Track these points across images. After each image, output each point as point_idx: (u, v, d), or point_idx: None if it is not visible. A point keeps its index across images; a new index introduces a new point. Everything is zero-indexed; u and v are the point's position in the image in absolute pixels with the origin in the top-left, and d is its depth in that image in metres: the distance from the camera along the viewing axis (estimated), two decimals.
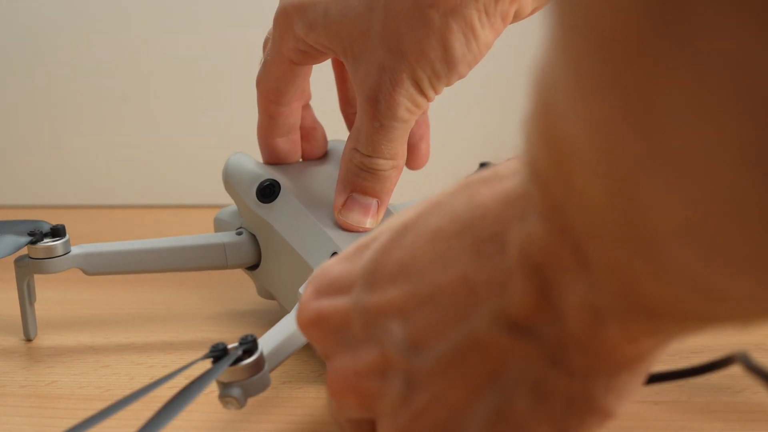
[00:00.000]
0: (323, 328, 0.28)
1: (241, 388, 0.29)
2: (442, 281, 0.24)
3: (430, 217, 0.25)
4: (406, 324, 0.25)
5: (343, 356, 0.27)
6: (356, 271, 0.27)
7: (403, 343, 0.25)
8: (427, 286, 0.24)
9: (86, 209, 0.74)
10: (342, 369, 0.27)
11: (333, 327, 0.27)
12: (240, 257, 0.44)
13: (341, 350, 0.27)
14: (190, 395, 0.27)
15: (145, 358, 0.41)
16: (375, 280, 0.26)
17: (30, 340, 0.43)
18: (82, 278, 0.46)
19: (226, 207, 0.48)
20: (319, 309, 0.28)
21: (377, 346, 0.25)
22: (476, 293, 0.23)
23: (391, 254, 0.26)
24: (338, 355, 0.27)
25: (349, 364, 0.26)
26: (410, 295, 0.25)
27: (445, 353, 0.24)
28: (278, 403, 0.36)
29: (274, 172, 0.44)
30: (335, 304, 0.27)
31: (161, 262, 0.43)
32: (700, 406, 0.34)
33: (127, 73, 0.73)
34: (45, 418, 0.36)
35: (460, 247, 0.24)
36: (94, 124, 0.74)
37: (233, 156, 0.45)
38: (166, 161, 0.74)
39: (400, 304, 0.25)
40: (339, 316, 0.27)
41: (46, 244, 0.41)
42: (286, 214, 0.42)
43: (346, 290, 0.27)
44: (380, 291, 0.26)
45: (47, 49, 0.72)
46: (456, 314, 0.24)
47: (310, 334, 0.29)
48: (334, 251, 0.38)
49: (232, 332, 0.44)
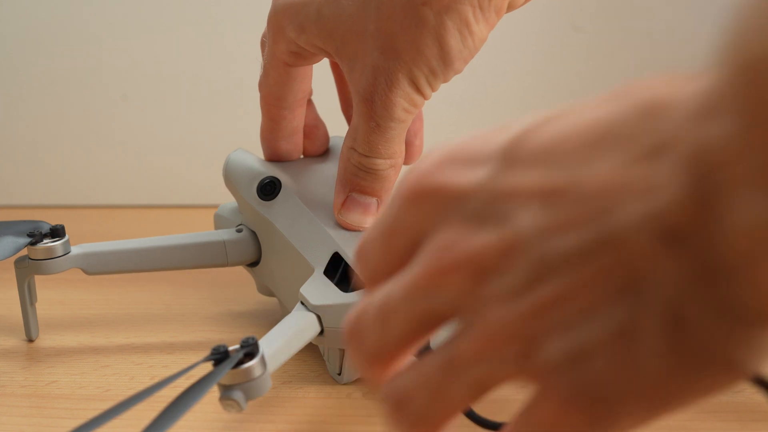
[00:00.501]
0: (437, 201, 0.25)
1: (242, 391, 0.29)
2: (588, 172, 0.22)
3: (584, 110, 0.23)
4: (542, 210, 0.22)
5: (455, 230, 0.24)
6: (492, 147, 0.24)
7: (535, 230, 0.22)
8: (571, 174, 0.22)
9: (86, 209, 0.74)
10: (453, 243, 0.24)
11: (450, 200, 0.24)
12: (240, 255, 0.44)
13: (454, 224, 0.24)
14: (191, 399, 0.27)
15: (145, 358, 0.41)
16: (513, 159, 0.23)
17: (32, 340, 0.43)
18: (82, 278, 0.46)
19: (226, 203, 0.48)
20: (441, 180, 0.25)
21: (502, 226, 0.23)
22: (627, 190, 0.21)
23: (534, 137, 0.23)
24: (448, 229, 0.24)
25: (464, 239, 0.23)
26: (550, 181, 0.22)
27: (581, 248, 0.21)
28: (278, 403, 0.36)
29: (275, 169, 0.44)
30: (460, 178, 0.24)
31: (162, 260, 0.43)
32: (699, 405, 0.34)
33: (127, 73, 0.73)
34: (45, 418, 0.36)
35: (616, 141, 0.22)
36: (94, 124, 0.74)
37: (234, 152, 0.45)
38: (166, 161, 0.74)
39: (537, 189, 0.22)
40: (461, 190, 0.24)
41: (45, 244, 0.41)
42: (287, 211, 0.42)
43: (477, 165, 0.24)
44: (517, 171, 0.23)
45: (47, 49, 0.72)
46: (599, 208, 0.21)
47: (416, 205, 0.25)
48: (334, 250, 0.38)
49: (232, 332, 0.44)
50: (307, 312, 0.35)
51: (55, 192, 0.75)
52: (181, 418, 0.26)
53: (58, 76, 0.73)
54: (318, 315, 0.35)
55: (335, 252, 0.38)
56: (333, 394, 0.37)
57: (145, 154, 0.74)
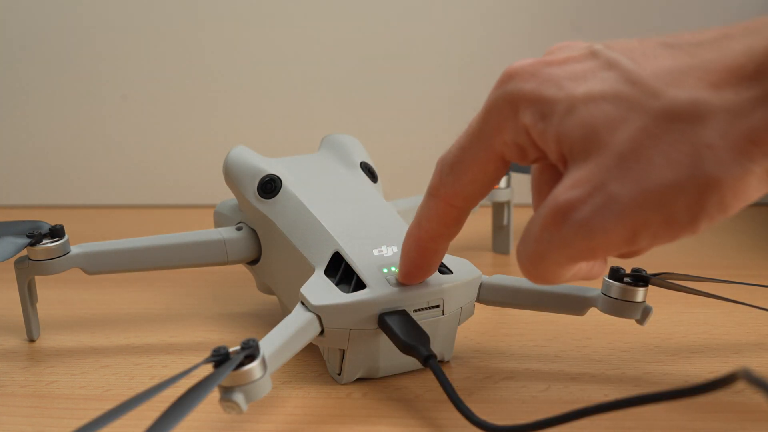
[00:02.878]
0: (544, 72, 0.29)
1: (242, 393, 0.29)
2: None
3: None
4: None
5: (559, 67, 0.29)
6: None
7: None
8: None
9: (85, 209, 0.74)
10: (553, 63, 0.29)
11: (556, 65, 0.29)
12: (240, 253, 0.44)
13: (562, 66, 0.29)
14: (192, 401, 0.27)
15: (145, 358, 0.41)
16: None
17: (33, 340, 0.43)
18: (82, 278, 0.46)
19: (226, 200, 0.48)
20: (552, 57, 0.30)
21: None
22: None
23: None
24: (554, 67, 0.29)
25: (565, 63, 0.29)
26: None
27: None
28: (278, 403, 0.36)
29: (276, 167, 0.44)
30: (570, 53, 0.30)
31: (162, 259, 0.43)
32: (699, 405, 0.34)
33: (127, 73, 0.73)
34: (45, 418, 0.36)
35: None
36: (94, 124, 0.74)
37: (234, 149, 0.45)
38: (166, 161, 0.74)
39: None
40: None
41: (45, 245, 0.41)
42: (287, 210, 0.42)
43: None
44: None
45: (47, 49, 0.72)
46: None
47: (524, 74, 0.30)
48: (335, 249, 0.38)
49: (232, 332, 0.44)
50: (307, 312, 0.35)
51: (54, 192, 0.75)
52: (183, 419, 0.26)
53: (58, 76, 0.73)
54: (318, 315, 0.35)
55: (336, 251, 0.38)
56: (333, 394, 0.37)
57: (145, 154, 0.74)
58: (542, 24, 0.69)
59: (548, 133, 0.28)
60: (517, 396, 0.36)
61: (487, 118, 0.31)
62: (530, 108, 0.29)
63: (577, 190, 0.27)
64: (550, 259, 0.29)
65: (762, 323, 0.44)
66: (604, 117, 0.27)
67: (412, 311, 0.36)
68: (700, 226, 0.26)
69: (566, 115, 0.28)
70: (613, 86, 0.27)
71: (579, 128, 0.27)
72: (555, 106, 0.28)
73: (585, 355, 0.40)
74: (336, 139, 0.48)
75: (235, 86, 0.72)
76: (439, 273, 0.38)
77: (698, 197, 0.25)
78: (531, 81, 0.29)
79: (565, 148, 0.28)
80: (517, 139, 0.30)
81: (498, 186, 0.56)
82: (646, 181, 0.26)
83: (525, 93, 0.29)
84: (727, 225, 0.63)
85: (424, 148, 0.70)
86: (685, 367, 0.39)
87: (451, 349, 0.39)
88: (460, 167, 0.32)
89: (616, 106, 0.27)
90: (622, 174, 0.26)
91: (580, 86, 0.28)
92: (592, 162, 0.27)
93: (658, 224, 0.26)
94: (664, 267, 0.49)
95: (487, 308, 0.43)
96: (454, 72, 0.71)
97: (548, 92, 0.29)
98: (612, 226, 0.27)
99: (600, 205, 0.27)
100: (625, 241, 0.27)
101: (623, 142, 0.26)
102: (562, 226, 0.28)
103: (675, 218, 0.26)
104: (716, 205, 0.25)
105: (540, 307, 0.39)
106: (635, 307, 0.36)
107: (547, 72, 0.29)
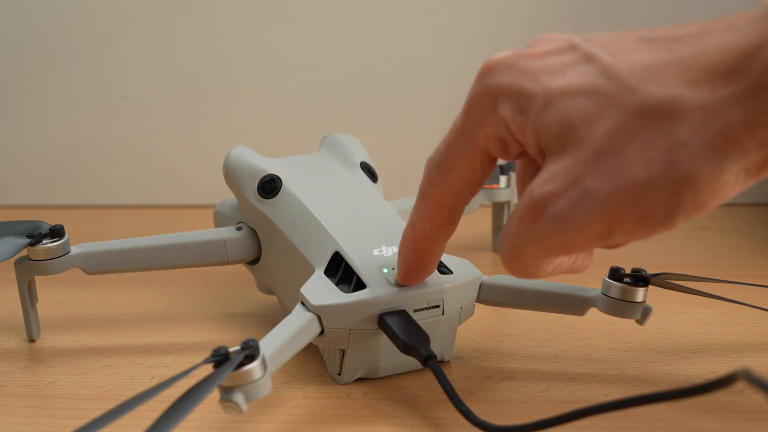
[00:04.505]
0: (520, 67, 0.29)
1: (242, 393, 0.29)
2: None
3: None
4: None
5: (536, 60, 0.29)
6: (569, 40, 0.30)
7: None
8: None
9: (85, 209, 0.74)
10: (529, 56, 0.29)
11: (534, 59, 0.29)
12: (240, 253, 0.44)
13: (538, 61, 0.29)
14: (192, 401, 0.27)
15: (145, 358, 0.41)
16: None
17: (33, 340, 0.43)
18: (82, 278, 0.46)
19: (226, 200, 0.48)
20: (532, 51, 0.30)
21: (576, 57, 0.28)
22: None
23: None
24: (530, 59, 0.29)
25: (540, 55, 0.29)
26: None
27: None
28: (278, 403, 0.36)
29: (276, 167, 0.44)
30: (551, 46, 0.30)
31: (162, 259, 0.43)
32: (699, 405, 0.34)
33: (127, 74, 0.73)
34: (45, 418, 0.36)
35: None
36: (94, 124, 0.74)
37: (234, 149, 0.45)
38: (166, 161, 0.74)
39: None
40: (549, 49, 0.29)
41: (45, 245, 0.41)
42: (287, 210, 0.42)
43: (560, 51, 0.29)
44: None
45: (47, 50, 0.72)
46: None
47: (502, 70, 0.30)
48: (335, 249, 0.38)
49: (232, 332, 0.44)
50: (307, 312, 0.35)
51: (55, 192, 0.75)
52: (183, 419, 0.26)
53: (58, 77, 0.73)
54: (318, 315, 0.35)
55: (336, 251, 0.38)
56: (333, 394, 0.37)
57: (145, 154, 0.74)
58: (542, 25, 0.69)
59: (526, 126, 0.28)
60: (517, 396, 0.36)
61: (468, 113, 0.31)
62: (508, 101, 0.29)
63: (552, 184, 0.27)
64: (528, 253, 0.29)
65: (762, 323, 0.44)
66: (581, 111, 0.27)
67: (412, 311, 0.36)
68: (676, 222, 0.26)
69: (543, 108, 0.28)
70: (590, 80, 0.27)
71: (556, 122, 0.27)
72: (532, 99, 0.28)
73: (585, 355, 0.40)
74: (336, 139, 0.48)
75: (235, 86, 0.72)
76: (439, 273, 0.38)
77: (673, 194, 0.25)
78: (508, 74, 0.29)
79: (543, 142, 0.28)
80: (498, 133, 0.30)
81: (498, 186, 0.56)
82: (622, 177, 0.26)
83: (503, 86, 0.29)
84: (726, 225, 0.63)
85: (424, 148, 0.70)
86: (685, 367, 0.39)
87: (451, 349, 0.39)
88: (446, 165, 0.32)
89: (592, 100, 0.27)
90: (598, 169, 0.26)
91: (557, 80, 0.28)
92: (568, 156, 0.27)
93: (632, 220, 0.26)
94: (664, 267, 0.49)
95: (487, 308, 0.43)
96: (454, 72, 0.71)
97: (526, 85, 0.29)
98: (587, 221, 0.27)
99: (575, 199, 0.27)
100: (601, 235, 0.27)
101: (599, 137, 0.26)
102: (538, 220, 0.28)
103: (650, 215, 0.26)
104: (692, 202, 0.26)
105: (540, 307, 0.39)
106: (635, 307, 0.36)
107: (525, 65, 0.29)
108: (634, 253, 0.43)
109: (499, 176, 0.56)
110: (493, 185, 0.56)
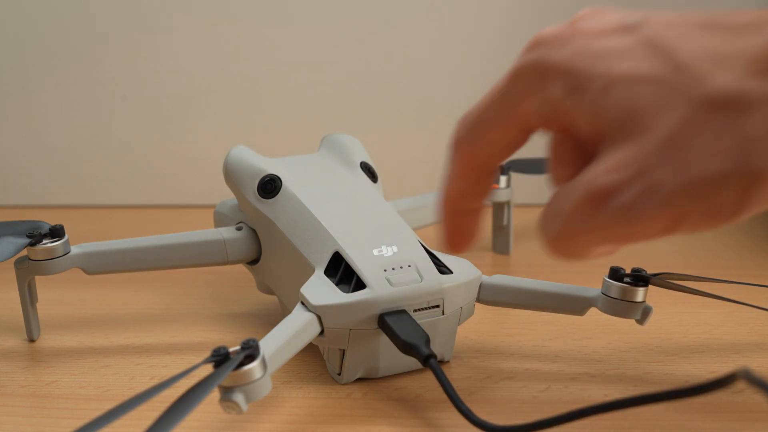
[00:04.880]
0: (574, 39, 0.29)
1: (242, 393, 0.29)
2: None
3: None
4: None
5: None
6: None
7: None
8: None
9: (85, 209, 0.74)
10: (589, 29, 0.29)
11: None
12: (241, 253, 0.44)
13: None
14: (193, 401, 0.27)
15: (145, 358, 0.41)
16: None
17: (33, 340, 0.43)
18: (82, 278, 0.46)
19: (226, 200, 0.48)
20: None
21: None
22: None
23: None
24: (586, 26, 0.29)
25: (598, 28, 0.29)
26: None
27: None
28: (278, 403, 0.36)
29: (276, 167, 0.44)
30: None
31: (162, 259, 0.43)
32: (699, 405, 0.34)
33: (127, 74, 0.73)
34: (45, 418, 0.36)
35: None
36: (94, 124, 0.74)
37: (234, 148, 0.45)
38: (166, 161, 0.74)
39: None
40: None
41: (45, 245, 0.41)
42: (287, 210, 0.42)
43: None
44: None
45: (47, 50, 0.72)
46: None
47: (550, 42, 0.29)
48: (335, 249, 0.38)
49: (232, 333, 0.44)
50: (307, 312, 0.35)
51: (55, 192, 0.75)
52: (183, 419, 0.26)
53: (58, 77, 0.73)
54: (318, 315, 0.35)
55: (336, 251, 0.38)
56: (333, 394, 0.37)
57: (145, 154, 0.74)
58: (542, 25, 0.69)
59: (581, 108, 0.27)
60: (517, 396, 0.36)
61: (513, 82, 0.29)
62: (560, 79, 0.28)
63: (617, 173, 0.26)
64: (579, 241, 0.28)
65: (762, 323, 0.44)
66: (646, 99, 0.26)
67: (412, 311, 0.36)
68: (742, 217, 0.26)
69: (603, 92, 0.27)
70: (655, 68, 0.26)
71: (618, 108, 0.26)
72: (589, 81, 0.27)
73: (585, 355, 0.40)
74: (336, 139, 0.48)
75: (235, 86, 0.72)
76: (439, 273, 0.38)
77: (744, 190, 0.25)
78: (562, 50, 0.28)
79: (602, 126, 0.27)
80: (542, 108, 0.29)
81: (498, 186, 0.56)
82: (692, 171, 0.25)
83: (555, 62, 0.28)
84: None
85: (424, 148, 0.70)
86: (685, 367, 0.39)
87: (451, 349, 0.39)
88: (480, 125, 0.31)
89: (658, 89, 0.26)
90: (666, 161, 0.25)
91: (617, 64, 0.27)
92: (633, 145, 0.26)
93: (700, 214, 0.26)
94: (664, 267, 0.49)
95: (487, 308, 0.43)
96: (454, 72, 0.71)
97: (582, 65, 0.27)
98: (653, 215, 0.26)
99: (642, 191, 0.26)
100: (665, 229, 0.26)
101: (667, 128, 0.25)
102: (599, 210, 0.27)
103: (718, 209, 0.25)
104: (762, 197, 0.25)
105: (540, 307, 0.39)
106: (635, 307, 0.36)
107: (580, 43, 0.28)
108: (634, 253, 0.43)
109: (499, 176, 0.56)
110: (493, 185, 0.56)
